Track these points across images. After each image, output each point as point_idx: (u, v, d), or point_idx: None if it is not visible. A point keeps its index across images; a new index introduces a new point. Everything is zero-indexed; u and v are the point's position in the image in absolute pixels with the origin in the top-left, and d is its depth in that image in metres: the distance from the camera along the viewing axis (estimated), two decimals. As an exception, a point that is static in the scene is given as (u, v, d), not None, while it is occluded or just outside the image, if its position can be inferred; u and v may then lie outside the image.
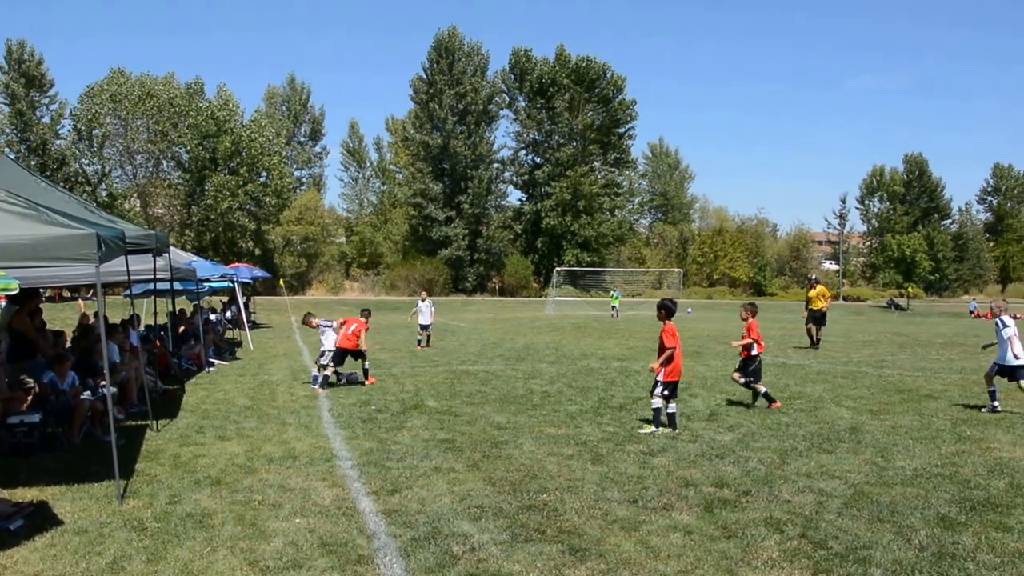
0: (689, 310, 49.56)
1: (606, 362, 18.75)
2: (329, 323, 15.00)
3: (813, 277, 24.38)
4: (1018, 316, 12.90)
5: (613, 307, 45.89)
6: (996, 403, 11.73)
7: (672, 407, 10.21)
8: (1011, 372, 11.71)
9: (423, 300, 23.16)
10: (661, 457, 8.68)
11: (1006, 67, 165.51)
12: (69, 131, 59.57)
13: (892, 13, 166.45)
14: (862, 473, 8.01)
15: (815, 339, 22.30)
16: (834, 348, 23.23)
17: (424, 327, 22.74)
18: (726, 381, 15.17)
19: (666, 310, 10.48)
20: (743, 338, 12.18)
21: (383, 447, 9.18)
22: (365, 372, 14.90)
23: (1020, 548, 5.88)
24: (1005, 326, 11.80)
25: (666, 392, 10.11)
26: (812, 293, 22.56)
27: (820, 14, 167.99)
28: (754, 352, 12.09)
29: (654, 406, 10.16)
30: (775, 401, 11.99)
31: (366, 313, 15.83)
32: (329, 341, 14.60)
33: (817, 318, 22.36)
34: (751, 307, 12.79)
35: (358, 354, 14.90)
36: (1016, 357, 11.59)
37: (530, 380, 15.19)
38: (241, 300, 26.70)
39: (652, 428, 10.08)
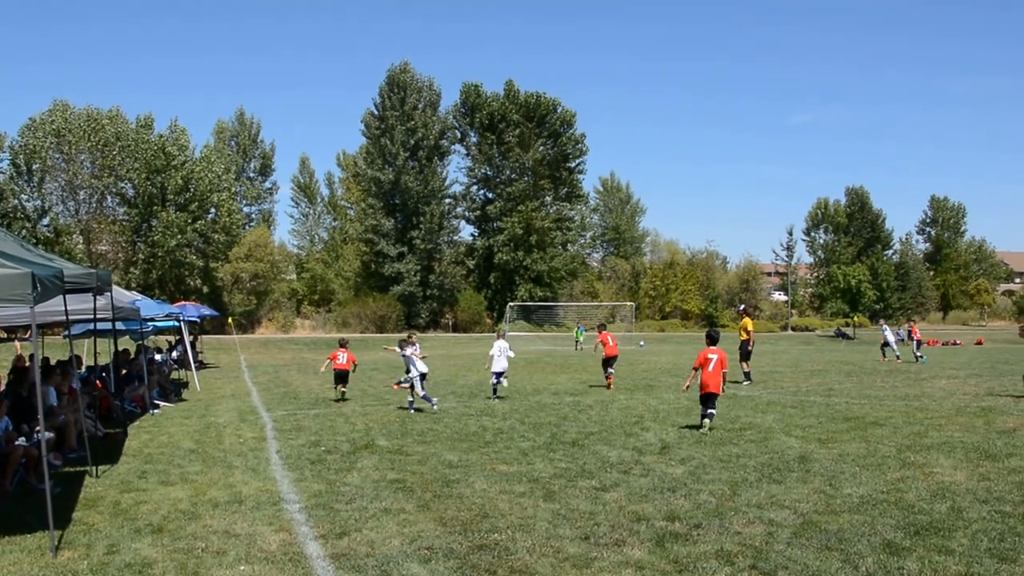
0: (641, 343, 49.85)
1: (559, 397, 18.74)
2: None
3: (741, 307, 24.19)
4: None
5: (577, 341, 46.28)
6: None
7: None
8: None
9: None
10: (613, 492, 8.66)
11: (940, 105, 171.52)
12: (8, 165, 58.12)
13: (829, 56, 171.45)
14: (811, 502, 8.09)
15: (744, 373, 21.63)
16: (783, 378, 23.53)
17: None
18: (678, 414, 15.27)
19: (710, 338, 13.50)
20: None
21: (332, 489, 9.02)
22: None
23: (961, 571, 6.00)
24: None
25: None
26: (739, 324, 22.60)
27: (762, 56, 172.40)
28: None
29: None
30: None
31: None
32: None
33: (739, 350, 21.69)
34: None
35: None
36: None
37: (482, 417, 15.10)
38: (188, 339, 26.23)
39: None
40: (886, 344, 32.92)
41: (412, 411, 15.94)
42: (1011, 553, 6.36)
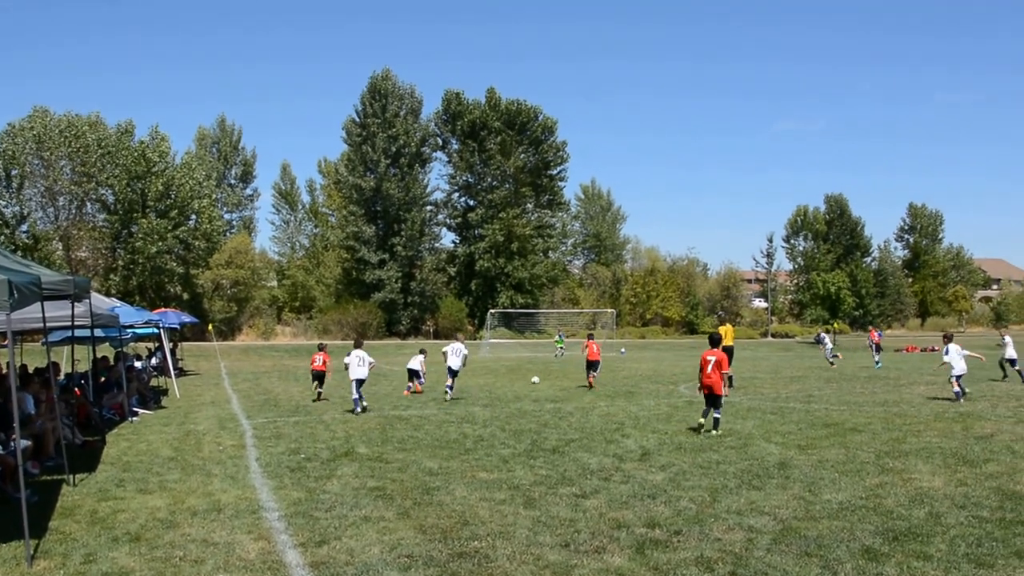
0: (622, 350, 49.97)
1: (539, 404, 18.74)
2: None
3: (719, 314, 24.76)
4: None
5: (560, 347, 46.52)
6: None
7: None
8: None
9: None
10: (593, 499, 8.66)
11: (916, 110, 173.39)
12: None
13: (809, 60, 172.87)
14: (790, 508, 8.12)
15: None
16: (763, 384, 23.65)
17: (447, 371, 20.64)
18: (658, 420, 15.31)
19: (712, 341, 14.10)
20: None
21: (312, 497, 8.97)
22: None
23: (940, 576, 6.03)
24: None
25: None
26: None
27: (745, 61, 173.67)
28: None
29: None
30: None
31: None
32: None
33: None
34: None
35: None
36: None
37: (463, 424, 15.08)
38: (168, 346, 26.05)
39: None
40: (826, 348, 34.41)
41: (358, 411, 17.03)
42: (988, 558, 6.41)
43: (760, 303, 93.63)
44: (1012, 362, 23.97)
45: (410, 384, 22.09)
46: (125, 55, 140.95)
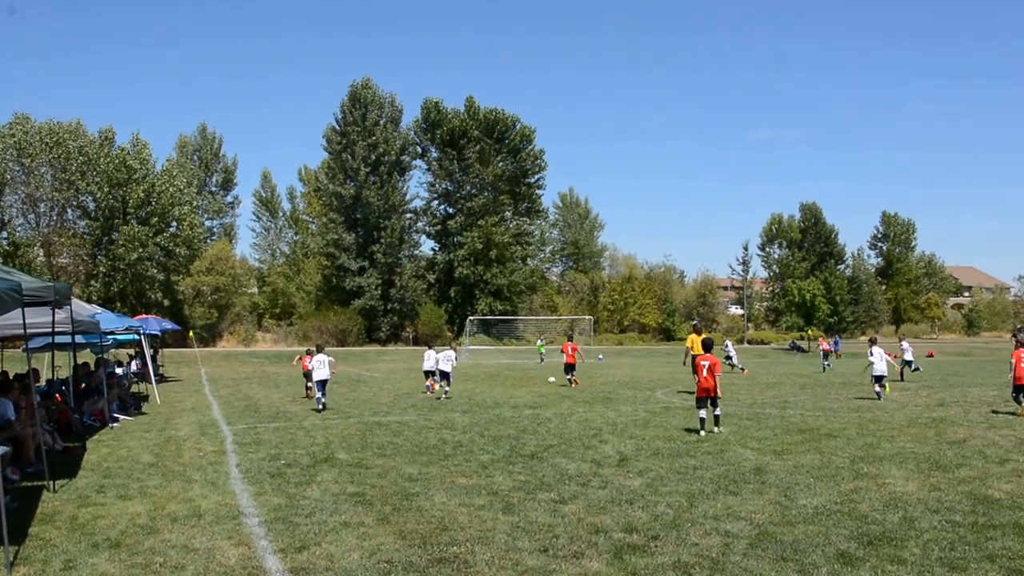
0: (600, 356, 50.11)
1: (518, 410, 18.81)
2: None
3: (696, 322, 24.68)
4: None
5: (540, 354, 46.72)
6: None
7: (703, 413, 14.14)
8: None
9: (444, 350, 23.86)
10: (572, 504, 8.73)
11: (889, 119, 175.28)
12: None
13: (784, 69, 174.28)
14: (766, 513, 8.21)
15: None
16: (740, 390, 23.82)
17: (439, 373, 23.34)
18: (636, 426, 15.42)
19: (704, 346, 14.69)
20: None
21: (292, 502, 8.99)
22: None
23: (913, 580, 6.13)
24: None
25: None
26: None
27: (720, 71, 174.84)
28: None
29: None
30: None
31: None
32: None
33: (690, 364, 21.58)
34: None
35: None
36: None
37: (442, 430, 15.12)
38: (148, 353, 25.93)
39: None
40: (728, 358, 34.93)
41: (319, 408, 18.79)
42: (961, 562, 6.50)
43: (736, 310, 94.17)
44: (908, 363, 28.80)
45: (439, 381, 23.40)
46: (107, 66, 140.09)
